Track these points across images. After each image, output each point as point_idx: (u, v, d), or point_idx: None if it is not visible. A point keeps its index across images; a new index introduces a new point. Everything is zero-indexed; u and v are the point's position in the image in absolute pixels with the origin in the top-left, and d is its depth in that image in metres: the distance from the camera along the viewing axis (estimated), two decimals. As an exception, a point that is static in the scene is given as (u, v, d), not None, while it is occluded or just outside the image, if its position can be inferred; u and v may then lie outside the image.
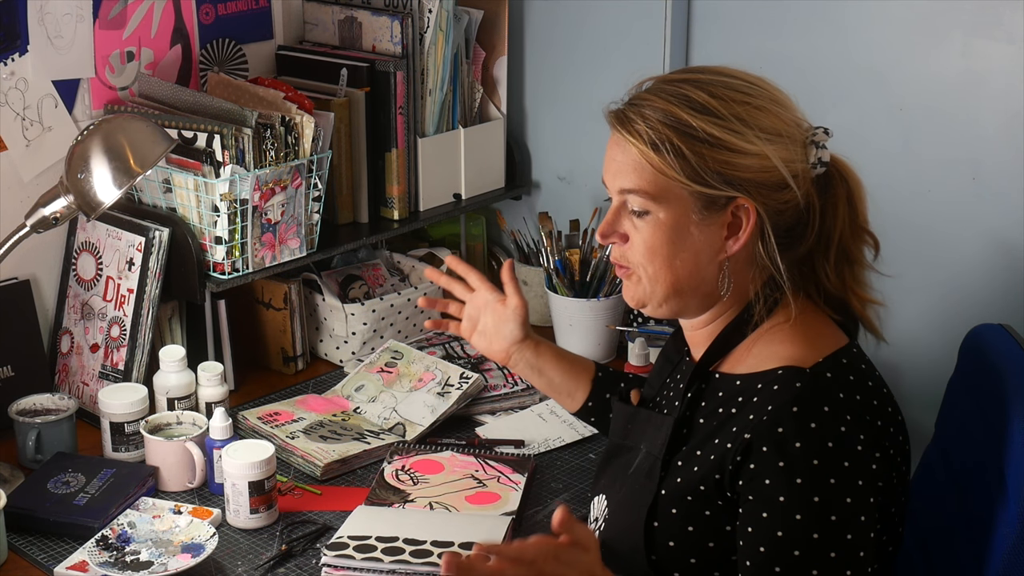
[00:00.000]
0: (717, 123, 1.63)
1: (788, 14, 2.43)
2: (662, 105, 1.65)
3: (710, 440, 1.66)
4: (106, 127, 2.14)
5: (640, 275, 1.71)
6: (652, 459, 1.73)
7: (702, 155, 1.63)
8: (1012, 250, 2.23)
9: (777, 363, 1.65)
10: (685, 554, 1.67)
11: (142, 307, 2.37)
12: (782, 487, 1.58)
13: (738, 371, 1.70)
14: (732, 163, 1.64)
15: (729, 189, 1.64)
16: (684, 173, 1.63)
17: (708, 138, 1.63)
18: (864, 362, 1.70)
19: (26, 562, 2.00)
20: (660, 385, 1.86)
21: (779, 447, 1.58)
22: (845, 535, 1.57)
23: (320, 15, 2.76)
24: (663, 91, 1.67)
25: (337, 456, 2.23)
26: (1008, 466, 1.69)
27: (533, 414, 2.41)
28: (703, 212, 1.66)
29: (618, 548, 1.74)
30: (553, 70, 2.83)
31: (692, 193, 1.65)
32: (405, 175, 2.70)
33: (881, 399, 1.67)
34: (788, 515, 1.57)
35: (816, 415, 1.59)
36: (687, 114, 1.63)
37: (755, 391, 1.64)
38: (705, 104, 1.64)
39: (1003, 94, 2.19)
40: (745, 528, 1.61)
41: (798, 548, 1.56)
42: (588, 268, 2.65)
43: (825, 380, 1.62)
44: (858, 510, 1.58)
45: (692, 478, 1.66)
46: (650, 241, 1.68)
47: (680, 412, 1.72)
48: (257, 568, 1.98)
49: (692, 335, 1.79)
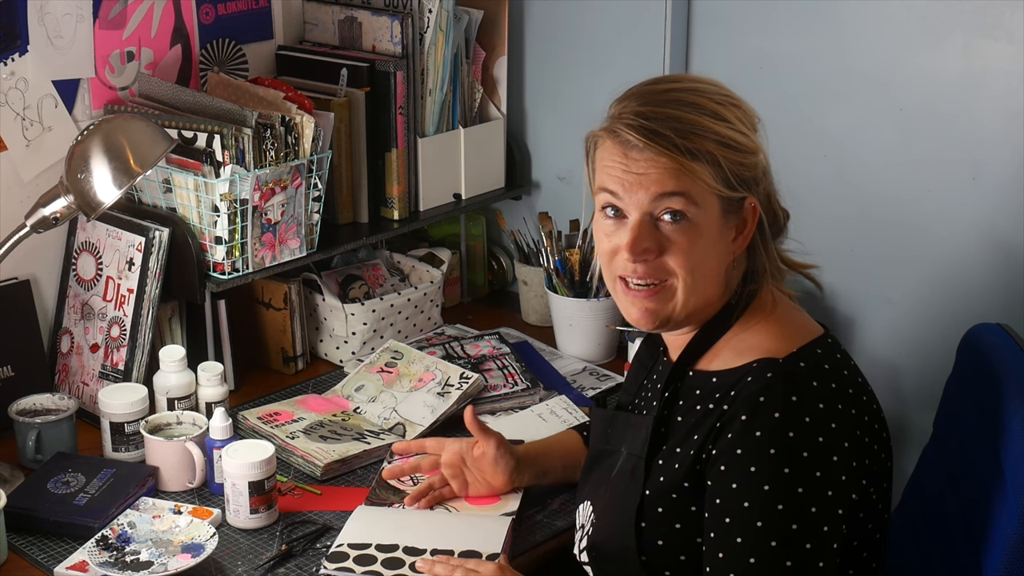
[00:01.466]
0: (730, 127, 1.67)
1: (788, 14, 2.43)
2: (681, 115, 1.65)
3: (689, 437, 1.68)
4: (106, 127, 2.14)
5: (676, 287, 1.70)
6: (634, 459, 1.74)
7: (729, 160, 1.66)
8: (1012, 250, 2.23)
9: (752, 357, 1.67)
10: (675, 552, 1.68)
11: (142, 307, 2.37)
12: (755, 457, 1.60)
13: (713, 368, 1.72)
14: (745, 164, 1.68)
15: (744, 190, 1.67)
16: (719, 180, 1.66)
17: (731, 143, 1.66)
18: (839, 352, 1.72)
19: (26, 562, 2.00)
20: (637, 388, 1.87)
21: (758, 415, 1.61)
22: (810, 508, 1.59)
23: (320, 15, 2.77)
24: (666, 102, 1.67)
25: (337, 456, 2.23)
26: (1007, 465, 1.69)
27: (533, 414, 2.41)
28: (725, 217, 1.69)
29: (608, 550, 1.75)
30: (553, 70, 2.83)
31: (720, 199, 1.67)
32: (405, 175, 2.70)
33: (856, 388, 1.69)
34: (757, 485, 1.60)
35: (791, 398, 1.61)
36: (709, 122, 1.65)
37: (731, 386, 1.67)
38: (715, 111, 1.67)
39: (1003, 94, 2.19)
40: (713, 500, 1.63)
41: (762, 519, 1.59)
42: (588, 268, 2.65)
43: (799, 370, 1.64)
44: (826, 486, 1.60)
45: (675, 476, 1.68)
46: (689, 248, 1.67)
47: (658, 411, 1.73)
48: (257, 568, 1.98)
49: (673, 338, 1.80)
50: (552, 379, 2.55)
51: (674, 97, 1.67)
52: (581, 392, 2.49)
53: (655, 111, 1.66)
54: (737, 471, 1.61)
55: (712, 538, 1.63)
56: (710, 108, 1.66)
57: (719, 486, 1.63)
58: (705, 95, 1.68)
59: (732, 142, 1.65)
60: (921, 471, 1.98)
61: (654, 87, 1.71)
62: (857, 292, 2.42)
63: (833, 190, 2.41)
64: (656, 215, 1.67)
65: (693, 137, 1.64)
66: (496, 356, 2.57)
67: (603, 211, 1.72)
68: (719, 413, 1.65)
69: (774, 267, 1.74)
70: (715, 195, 1.66)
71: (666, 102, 1.67)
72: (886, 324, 2.42)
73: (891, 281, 2.41)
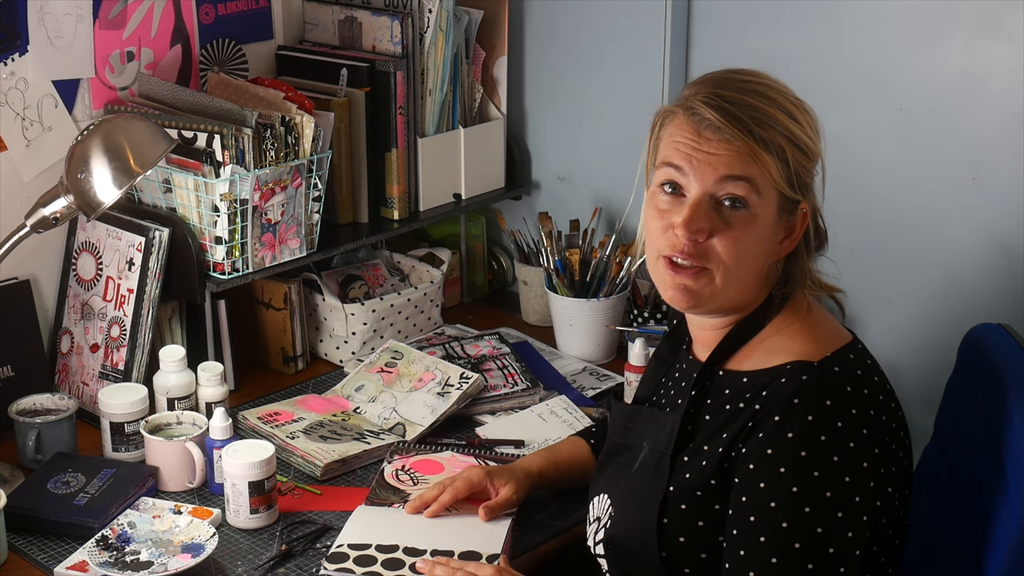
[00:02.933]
0: (801, 128, 1.68)
1: (788, 14, 2.43)
2: (759, 105, 1.66)
3: (718, 435, 1.68)
4: (106, 127, 2.14)
5: (716, 273, 1.69)
6: (658, 455, 1.74)
7: (795, 159, 1.67)
8: (1012, 250, 2.23)
9: (785, 359, 1.67)
10: (696, 549, 1.68)
11: (142, 307, 2.37)
12: (785, 458, 1.60)
13: (745, 368, 1.71)
14: (807, 168, 1.69)
15: (801, 194, 1.69)
16: (783, 176, 1.66)
17: (800, 143, 1.67)
18: (869, 358, 1.73)
19: (26, 562, 2.00)
20: (656, 385, 1.87)
21: (791, 417, 1.61)
22: (836, 512, 1.59)
23: (320, 15, 2.76)
24: (745, 91, 1.67)
25: (337, 456, 2.23)
26: (1008, 465, 1.69)
27: (533, 414, 2.41)
28: (779, 215, 1.70)
29: (627, 545, 1.75)
30: (553, 70, 2.83)
31: (780, 196, 1.68)
32: (405, 175, 2.70)
33: (885, 395, 1.70)
34: (785, 486, 1.60)
35: (825, 402, 1.61)
36: (783, 118, 1.66)
37: (763, 386, 1.66)
38: (789, 109, 1.68)
39: (1003, 94, 2.19)
40: (739, 497, 1.63)
41: (787, 520, 1.59)
42: (588, 268, 2.65)
43: (833, 374, 1.64)
44: (854, 492, 1.60)
45: (701, 473, 1.68)
46: (741, 237, 1.67)
47: (685, 408, 1.73)
48: (257, 568, 1.98)
49: (703, 334, 1.79)
50: (552, 379, 2.55)
51: (752, 88, 1.68)
52: (581, 392, 2.49)
53: (734, 96, 1.66)
54: (766, 471, 1.61)
55: (735, 535, 1.62)
56: (785, 106, 1.67)
57: (746, 484, 1.63)
58: (781, 93, 1.70)
59: (801, 143, 1.67)
60: (922, 471, 1.98)
61: (733, 75, 1.72)
62: (857, 292, 2.42)
63: (833, 190, 2.40)
64: (718, 197, 1.67)
65: (767, 128, 1.64)
66: (496, 356, 2.57)
67: (661, 187, 1.70)
68: (750, 413, 1.65)
69: (811, 278, 1.75)
70: (776, 190, 1.67)
71: (745, 91, 1.67)
72: (886, 324, 2.42)
73: (891, 281, 2.41)
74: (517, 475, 2.07)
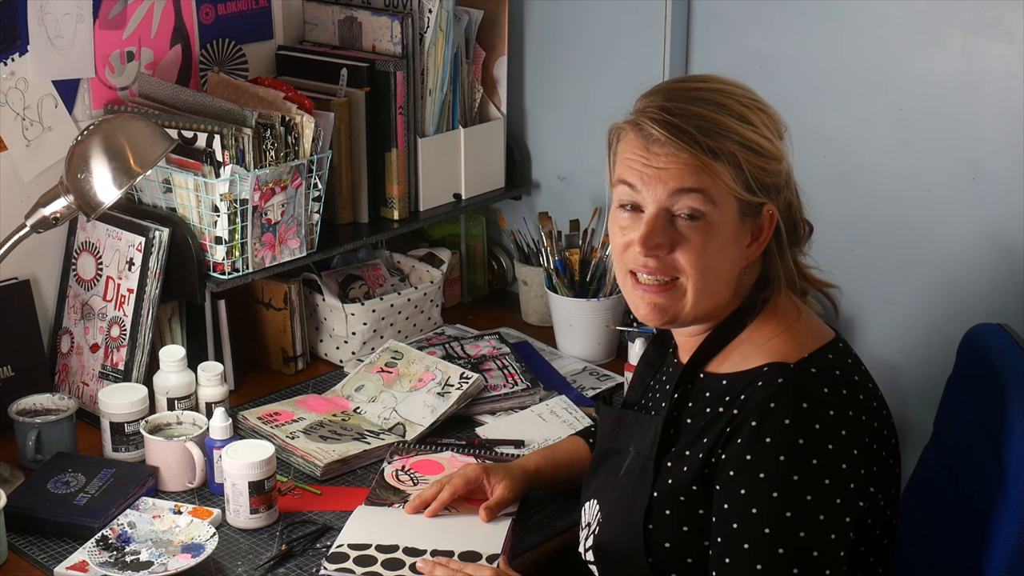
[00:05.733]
0: (755, 130, 1.66)
1: (788, 14, 2.43)
2: (706, 113, 1.65)
3: (699, 440, 1.68)
4: (106, 127, 2.14)
5: (686, 286, 1.69)
6: (643, 460, 1.74)
7: (750, 163, 1.65)
8: (1012, 250, 2.23)
9: (762, 360, 1.67)
10: (681, 555, 1.68)
11: (142, 307, 2.37)
12: (764, 463, 1.60)
13: (724, 370, 1.71)
14: (767, 169, 1.67)
15: (763, 196, 1.67)
16: (739, 182, 1.65)
17: (753, 146, 1.65)
18: (850, 356, 1.72)
19: (26, 562, 2.00)
20: (644, 389, 1.87)
21: (769, 421, 1.60)
22: (817, 515, 1.59)
23: (320, 15, 2.76)
24: (692, 100, 1.66)
25: (337, 456, 2.23)
26: (1008, 465, 1.69)
27: (533, 414, 2.41)
28: (741, 220, 1.68)
29: (615, 551, 1.75)
30: (553, 70, 2.83)
31: (738, 201, 1.67)
32: (405, 175, 2.70)
33: (867, 394, 1.69)
34: (766, 492, 1.59)
35: (802, 405, 1.61)
36: (733, 123, 1.65)
37: (741, 389, 1.66)
38: (740, 113, 1.66)
39: (1003, 94, 2.19)
40: (721, 505, 1.63)
41: (769, 526, 1.59)
42: (588, 268, 2.65)
43: (809, 375, 1.64)
44: (835, 493, 1.60)
45: (683, 478, 1.68)
46: (702, 248, 1.66)
47: (668, 412, 1.72)
48: (257, 568, 1.98)
49: (684, 340, 1.80)
50: (552, 379, 2.55)
51: (700, 96, 1.67)
52: (581, 392, 2.49)
53: (680, 107, 1.65)
54: (746, 477, 1.61)
55: (719, 542, 1.62)
56: (736, 110, 1.66)
57: (728, 491, 1.63)
58: (732, 97, 1.68)
59: (755, 145, 1.65)
60: (921, 471, 1.98)
61: (682, 84, 1.71)
62: (857, 292, 2.42)
63: (833, 190, 2.41)
64: (673, 211, 1.66)
65: (716, 136, 1.63)
66: (496, 356, 2.57)
67: (620, 206, 1.71)
68: (729, 417, 1.65)
69: (790, 277, 1.73)
70: (733, 197, 1.65)
71: (692, 100, 1.66)
72: (886, 324, 2.42)
73: (891, 281, 2.41)
74: (514, 472, 2.07)
